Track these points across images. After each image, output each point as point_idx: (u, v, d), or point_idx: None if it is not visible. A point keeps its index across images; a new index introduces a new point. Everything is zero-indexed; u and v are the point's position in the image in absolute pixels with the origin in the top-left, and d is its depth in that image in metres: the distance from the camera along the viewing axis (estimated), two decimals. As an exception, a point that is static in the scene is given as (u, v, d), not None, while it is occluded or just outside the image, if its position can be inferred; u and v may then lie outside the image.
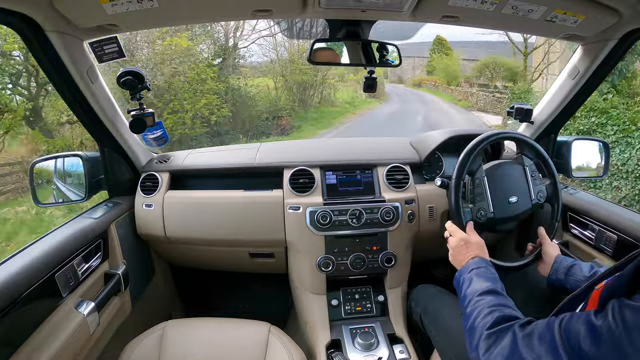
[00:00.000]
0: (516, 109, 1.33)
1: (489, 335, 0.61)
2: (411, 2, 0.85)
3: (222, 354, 0.94)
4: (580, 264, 0.87)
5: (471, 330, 0.66)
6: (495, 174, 1.01)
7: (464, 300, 0.74)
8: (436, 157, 1.39)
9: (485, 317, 0.65)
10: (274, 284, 1.60)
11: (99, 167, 1.23)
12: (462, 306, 0.74)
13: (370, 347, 1.07)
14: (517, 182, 1.01)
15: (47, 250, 0.85)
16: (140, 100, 1.07)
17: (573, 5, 0.84)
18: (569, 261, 0.89)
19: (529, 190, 1.01)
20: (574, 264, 0.88)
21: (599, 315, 0.48)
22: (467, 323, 0.68)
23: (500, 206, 0.98)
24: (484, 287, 0.72)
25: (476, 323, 0.65)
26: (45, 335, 0.79)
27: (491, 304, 0.67)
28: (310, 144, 1.57)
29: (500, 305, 0.66)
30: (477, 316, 0.66)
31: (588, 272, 0.84)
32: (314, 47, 1.04)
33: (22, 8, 0.73)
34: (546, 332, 0.54)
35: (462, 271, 0.81)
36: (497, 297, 0.70)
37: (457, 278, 0.81)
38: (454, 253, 0.88)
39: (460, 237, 0.88)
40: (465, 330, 0.68)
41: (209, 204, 1.25)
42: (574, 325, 0.51)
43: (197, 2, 0.84)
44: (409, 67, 30.60)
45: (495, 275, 0.77)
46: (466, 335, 0.67)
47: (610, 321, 0.46)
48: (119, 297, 1.11)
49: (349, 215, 1.20)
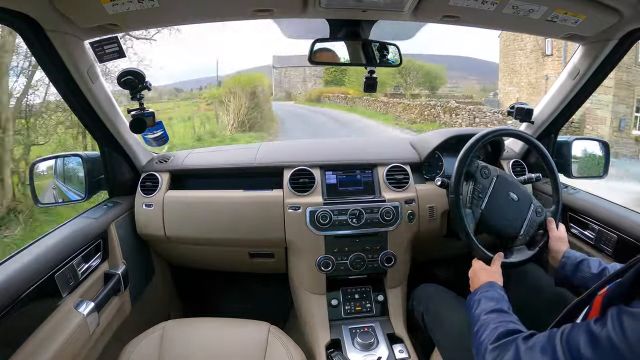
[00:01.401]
0: (517, 108, 1.33)
1: (494, 348, 0.63)
2: (412, 2, 0.85)
3: (221, 354, 0.94)
4: (589, 260, 0.86)
5: (477, 345, 0.68)
6: (504, 187, 1.00)
7: (474, 321, 0.76)
8: (436, 157, 1.39)
9: (490, 332, 0.67)
10: (273, 284, 1.60)
11: (99, 167, 1.23)
12: (473, 323, 0.76)
13: (370, 346, 1.07)
14: (517, 210, 0.99)
15: (46, 250, 0.85)
16: (141, 100, 1.06)
17: (574, 5, 0.84)
18: (578, 257, 0.89)
19: (522, 223, 0.98)
20: (582, 260, 0.87)
21: (598, 323, 0.49)
22: (475, 340, 0.71)
23: (491, 213, 0.98)
24: (490, 306, 0.75)
25: (482, 338, 0.68)
26: (45, 336, 0.79)
27: (496, 321, 0.69)
28: (310, 144, 1.57)
29: (504, 321, 0.69)
30: (483, 332, 0.69)
31: (597, 269, 0.83)
32: (315, 47, 1.03)
33: (23, 8, 0.73)
34: (548, 344, 0.55)
35: (473, 294, 0.83)
36: (502, 314, 0.72)
37: (468, 300, 0.83)
38: (472, 278, 0.90)
39: (481, 265, 0.90)
40: (473, 347, 0.71)
41: (209, 203, 1.25)
42: (574, 335, 0.51)
43: (197, 2, 0.84)
44: (297, 80, 26.59)
45: (503, 296, 0.78)
46: (474, 350, 0.70)
47: (609, 329, 0.47)
48: (119, 297, 1.10)
49: (349, 215, 1.20)
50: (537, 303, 0.97)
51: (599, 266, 0.84)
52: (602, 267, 0.84)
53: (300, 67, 24.68)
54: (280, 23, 1.06)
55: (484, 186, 0.99)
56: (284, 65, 27.96)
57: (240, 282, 1.73)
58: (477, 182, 0.99)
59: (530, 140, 1.05)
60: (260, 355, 0.94)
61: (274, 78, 28.46)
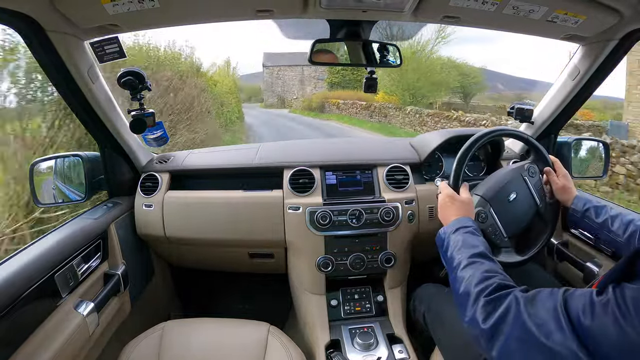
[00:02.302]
0: (516, 109, 1.33)
1: (488, 302, 0.58)
2: (412, 3, 0.85)
3: (221, 354, 0.94)
4: (596, 207, 0.89)
5: (466, 296, 0.62)
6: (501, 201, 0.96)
7: (451, 261, 0.71)
8: (436, 158, 1.39)
9: (481, 282, 0.62)
10: (273, 284, 1.60)
11: (99, 167, 1.23)
12: (449, 268, 0.71)
13: (370, 347, 1.07)
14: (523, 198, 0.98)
15: (46, 250, 0.85)
16: (141, 101, 1.07)
17: (574, 5, 0.84)
18: (585, 202, 0.91)
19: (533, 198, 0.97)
20: (589, 208, 0.90)
21: (599, 295, 0.49)
22: (458, 288, 0.65)
23: (511, 228, 0.95)
24: (474, 250, 0.69)
25: (471, 289, 0.62)
26: (44, 336, 0.79)
27: (485, 269, 0.64)
28: (310, 144, 1.56)
29: (496, 272, 0.64)
30: (471, 281, 0.63)
31: (602, 217, 0.87)
32: (315, 47, 1.03)
33: (23, 8, 0.73)
34: (549, 300, 0.53)
35: (446, 229, 0.78)
36: (490, 262, 0.67)
37: (440, 236, 0.79)
38: (440, 209, 0.87)
39: (447, 192, 0.87)
40: (457, 295, 0.65)
41: (208, 204, 1.25)
42: (575, 299, 0.50)
43: (197, 3, 0.83)
44: (294, 81, 20.71)
45: (482, 238, 0.75)
46: (458, 301, 0.64)
47: (610, 297, 0.47)
48: (119, 297, 1.10)
49: (349, 215, 1.20)
50: None
51: (603, 214, 0.87)
52: (605, 216, 0.86)
53: (296, 66, 20.23)
54: (280, 24, 1.06)
55: (493, 225, 0.93)
56: (276, 64, 23.09)
57: (240, 282, 1.73)
58: (485, 230, 0.92)
59: (529, 140, 1.05)
60: (259, 355, 0.94)
61: (265, 80, 24.02)
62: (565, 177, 0.97)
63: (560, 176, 0.97)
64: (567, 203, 0.94)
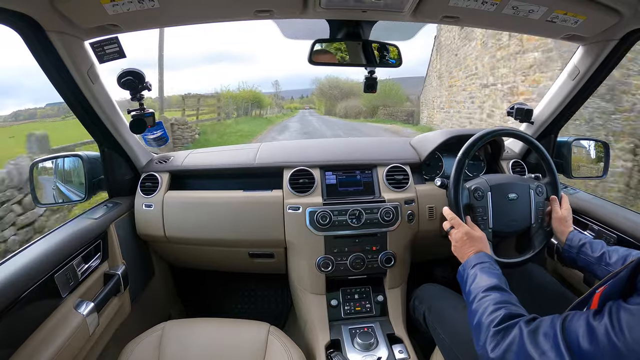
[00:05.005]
0: (516, 109, 1.33)
1: (497, 332, 0.62)
2: (412, 3, 0.85)
3: (221, 355, 0.94)
4: (592, 242, 0.88)
5: (478, 327, 0.67)
6: (501, 193, 0.99)
7: (468, 296, 0.75)
8: (436, 157, 1.39)
9: (491, 314, 0.66)
10: (273, 284, 1.60)
11: (99, 168, 1.23)
12: (467, 301, 0.75)
13: (370, 347, 1.07)
14: (521, 205, 0.99)
15: (46, 250, 0.85)
16: (141, 101, 1.07)
17: (574, 5, 0.84)
18: (581, 239, 0.90)
19: (530, 213, 0.99)
20: (584, 243, 0.89)
21: (597, 317, 0.50)
22: (473, 319, 0.69)
23: (500, 224, 0.98)
24: (489, 283, 0.73)
25: (483, 320, 0.66)
26: (44, 336, 0.79)
27: (496, 301, 0.68)
28: (310, 144, 1.56)
29: (505, 302, 0.67)
30: (483, 313, 0.67)
31: (598, 251, 0.85)
32: (314, 47, 1.03)
33: (23, 8, 0.73)
34: (550, 329, 0.55)
35: (465, 265, 0.82)
36: (502, 293, 0.70)
37: (460, 272, 0.82)
38: (458, 246, 0.89)
39: (464, 230, 0.89)
40: (472, 327, 0.69)
41: (208, 204, 1.25)
42: (574, 324, 0.52)
43: (197, 3, 0.83)
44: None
45: (499, 272, 0.77)
46: (473, 331, 0.69)
47: (606, 323, 0.48)
48: (119, 297, 1.10)
49: (349, 215, 1.20)
50: (539, 303, 0.97)
51: (600, 249, 0.85)
52: (602, 250, 0.85)
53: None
54: (280, 24, 1.06)
55: (484, 208, 0.98)
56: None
57: (240, 282, 1.73)
58: (476, 208, 0.98)
59: (529, 140, 1.05)
60: (259, 355, 0.94)
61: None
62: (568, 211, 0.98)
63: (563, 209, 0.98)
64: (561, 236, 0.94)
